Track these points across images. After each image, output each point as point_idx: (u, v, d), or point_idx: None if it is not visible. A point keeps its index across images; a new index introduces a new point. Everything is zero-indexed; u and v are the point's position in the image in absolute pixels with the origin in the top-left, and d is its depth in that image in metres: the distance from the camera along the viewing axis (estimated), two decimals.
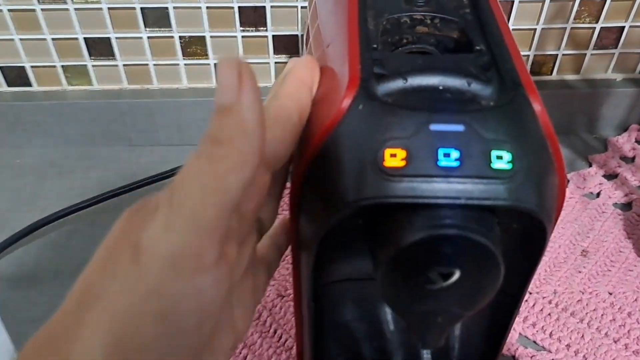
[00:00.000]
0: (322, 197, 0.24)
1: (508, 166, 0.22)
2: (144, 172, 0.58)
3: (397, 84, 0.26)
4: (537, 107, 0.24)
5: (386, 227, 0.23)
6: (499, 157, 0.22)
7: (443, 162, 0.22)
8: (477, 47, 0.28)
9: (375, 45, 0.28)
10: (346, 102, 0.24)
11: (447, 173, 0.22)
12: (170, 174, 0.54)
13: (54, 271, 0.50)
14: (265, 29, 0.56)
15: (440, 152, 0.22)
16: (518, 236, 0.26)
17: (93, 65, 0.58)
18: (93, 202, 0.51)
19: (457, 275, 0.23)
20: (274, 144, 0.25)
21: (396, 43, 0.31)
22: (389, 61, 0.27)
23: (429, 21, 0.31)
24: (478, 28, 0.29)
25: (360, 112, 0.24)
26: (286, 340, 0.44)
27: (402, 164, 0.22)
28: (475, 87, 0.25)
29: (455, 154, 0.22)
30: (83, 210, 0.51)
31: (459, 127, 0.23)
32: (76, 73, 0.59)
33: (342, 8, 0.30)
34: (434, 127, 0.23)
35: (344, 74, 0.26)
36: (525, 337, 0.45)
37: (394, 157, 0.22)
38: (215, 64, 0.59)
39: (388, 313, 0.34)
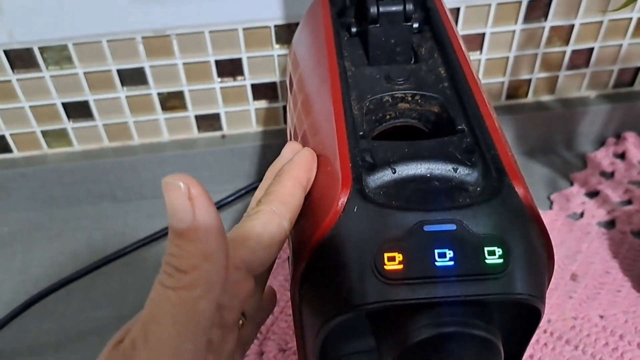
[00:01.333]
0: (323, 298, 0.25)
1: (500, 260, 0.23)
2: (132, 228, 0.59)
3: (387, 175, 0.26)
4: (521, 191, 0.25)
5: (388, 326, 0.24)
6: (491, 253, 0.23)
7: (439, 262, 0.23)
8: (459, 127, 0.29)
9: (361, 132, 0.28)
10: (341, 203, 0.25)
11: (445, 273, 0.23)
12: (159, 235, 0.54)
13: (56, 343, 0.49)
14: (243, 77, 0.57)
15: (436, 252, 0.23)
16: (513, 317, 0.26)
17: (72, 128, 0.58)
18: (86, 271, 0.51)
19: None
20: (261, 252, 0.25)
21: (380, 120, 0.32)
22: (377, 150, 0.27)
23: (410, 98, 0.31)
24: (458, 104, 0.30)
25: (356, 214, 0.24)
26: None
27: (400, 267, 0.23)
28: (462, 172, 0.26)
29: (449, 253, 0.23)
30: (77, 280, 0.51)
31: (452, 227, 0.23)
32: (56, 136, 0.58)
33: (325, 90, 0.31)
34: (427, 228, 0.23)
35: (336, 170, 0.26)
36: None
37: (392, 261, 0.23)
38: (195, 116, 0.59)
39: None
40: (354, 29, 0.36)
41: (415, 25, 0.36)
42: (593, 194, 0.60)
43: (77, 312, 0.52)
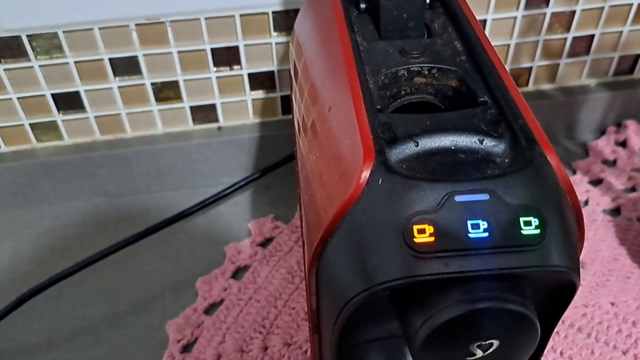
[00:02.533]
0: (346, 277, 0.23)
1: (537, 231, 0.22)
2: (125, 223, 0.56)
3: (409, 148, 0.25)
4: (554, 162, 0.24)
5: (417, 302, 0.23)
6: (527, 223, 0.22)
7: (472, 234, 0.22)
8: (481, 99, 0.27)
9: (379, 107, 0.27)
10: (364, 176, 0.23)
11: (479, 245, 0.22)
12: (153, 229, 0.52)
13: (47, 343, 0.47)
14: (239, 67, 0.55)
15: (469, 223, 0.22)
16: (548, 292, 0.25)
17: (63, 120, 0.56)
18: (78, 267, 0.48)
19: (496, 345, 0.22)
20: None
21: (395, 96, 0.30)
22: (397, 123, 0.26)
23: (426, 72, 0.30)
24: (478, 77, 0.29)
25: (381, 187, 0.23)
26: None
27: (431, 239, 0.22)
28: (488, 144, 0.25)
29: (483, 224, 0.22)
30: (69, 277, 0.49)
31: (484, 196, 0.22)
32: (45, 129, 0.56)
33: (338, 65, 0.30)
34: (459, 198, 0.22)
35: (356, 144, 0.25)
36: None
37: (422, 234, 0.22)
38: (190, 107, 0.57)
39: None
40: (362, 5, 0.35)
41: (427, 0, 0.35)
42: (596, 182, 0.60)
43: (69, 310, 0.49)
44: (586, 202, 0.57)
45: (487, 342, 0.22)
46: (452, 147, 0.25)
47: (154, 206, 0.59)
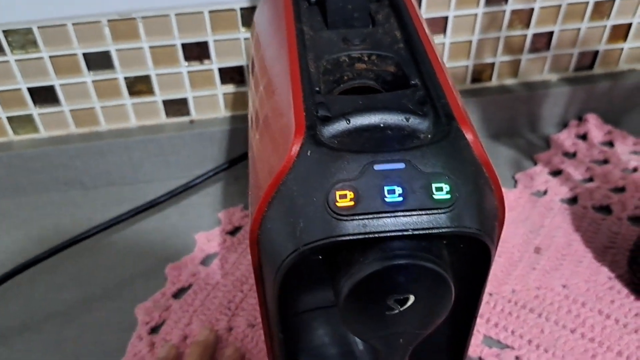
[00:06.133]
0: (279, 240, 0.25)
1: (447, 196, 0.24)
2: (101, 214, 0.58)
3: (341, 125, 0.27)
4: (470, 137, 0.26)
5: (342, 262, 0.25)
6: (439, 189, 0.24)
7: (388, 198, 0.24)
8: (413, 82, 0.30)
9: (317, 88, 0.29)
10: (295, 149, 0.25)
11: (394, 208, 0.24)
12: (126, 216, 0.53)
13: (20, 326, 0.49)
14: (210, 61, 0.57)
15: (385, 189, 0.24)
16: (466, 255, 0.27)
17: (38, 114, 0.58)
18: (53, 251, 0.50)
19: (412, 300, 0.24)
20: None
21: (338, 81, 0.32)
22: (332, 103, 0.28)
23: (366, 58, 0.32)
24: (412, 62, 0.31)
25: (309, 158, 0.25)
26: None
27: (351, 203, 0.24)
28: (413, 122, 0.27)
29: (399, 190, 0.24)
30: (43, 261, 0.51)
31: (400, 165, 0.24)
32: (21, 122, 0.58)
33: (283, 52, 0.32)
34: (377, 167, 0.24)
35: (291, 120, 0.27)
36: (490, 337, 0.47)
37: (343, 198, 0.24)
38: (163, 101, 0.59)
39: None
40: None
41: None
42: (556, 173, 0.62)
43: (42, 294, 0.51)
44: (545, 192, 0.60)
45: (403, 297, 0.24)
46: (381, 125, 0.27)
47: (128, 197, 0.60)
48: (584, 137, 0.66)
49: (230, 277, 0.51)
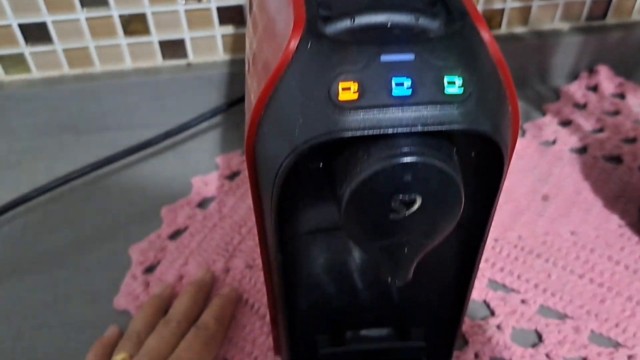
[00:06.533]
0: (278, 138, 0.24)
1: (460, 90, 0.22)
2: (95, 159, 0.56)
3: (345, 23, 0.25)
4: (485, 35, 0.24)
5: (345, 161, 0.23)
6: (451, 83, 0.22)
7: (396, 91, 0.22)
8: None
9: None
10: (293, 43, 0.23)
11: (401, 102, 0.22)
12: (120, 156, 0.52)
13: (11, 266, 0.47)
14: (208, 0, 0.55)
15: (393, 81, 0.22)
16: (477, 164, 0.25)
17: (30, 53, 0.56)
18: (44, 189, 0.48)
19: (418, 202, 0.22)
20: None
21: None
22: (335, 2, 0.26)
23: None
24: None
25: (310, 51, 0.23)
26: (259, 309, 0.43)
27: (355, 96, 0.22)
28: (423, 21, 0.25)
29: (407, 82, 0.22)
30: (34, 199, 0.49)
31: (410, 57, 0.22)
32: (13, 61, 0.56)
33: None
34: (384, 58, 0.22)
35: (290, 18, 0.25)
36: (495, 281, 0.45)
37: (347, 91, 0.22)
38: (159, 41, 0.57)
39: (356, 258, 0.34)
40: None
41: None
42: (566, 124, 0.60)
43: (34, 236, 0.50)
44: (554, 142, 0.58)
45: (409, 198, 0.22)
46: (388, 24, 0.25)
47: (123, 143, 0.58)
48: (594, 89, 0.64)
49: (228, 220, 0.50)
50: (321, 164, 0.25)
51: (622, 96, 0.63)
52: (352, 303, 0.36)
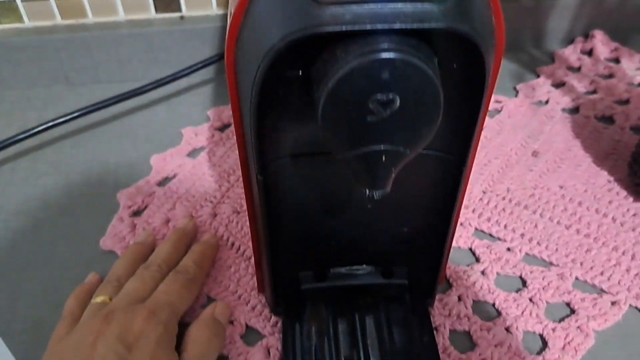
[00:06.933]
0: (257, 42, 0.24)
1: None
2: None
3: None
4: None
5: (323, 64, 0.23)
6: None
7: None
8: None
9: None
10: None
11: None
12: (110, 102, 0.51)
13: None
14: None
15: None
16: (460, 78, 0.25)
17: (23, 2, 0.55)
18: (33, 133, 0.48)
19: (397, 103, 0.22)
20: None
21: None
22: None
23: None
24: None
25: None
26: (245, 251, 0.43)
27: None
28: None
29: None
30: (23, 142, 0.49)
31: None
32: (5, 10, 0.56)
33: None
34: None
35: None
36: (481, 231, 0.45)
37: None
38: None
39: (339, 189, 0.33)
40: None
41: None
42: (559, 85, 0.60)
43: (22, 179, 0.49)
44: (546, 102, 0.58)
45: (386, 97, 0.22)
46: None
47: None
48: (589, 53, 0.64)
49: (217, 168, 0.50)
50: (300, 71, 0.25)
51: (617, 61, 0.63)
52: (335, 240, 0.36)
